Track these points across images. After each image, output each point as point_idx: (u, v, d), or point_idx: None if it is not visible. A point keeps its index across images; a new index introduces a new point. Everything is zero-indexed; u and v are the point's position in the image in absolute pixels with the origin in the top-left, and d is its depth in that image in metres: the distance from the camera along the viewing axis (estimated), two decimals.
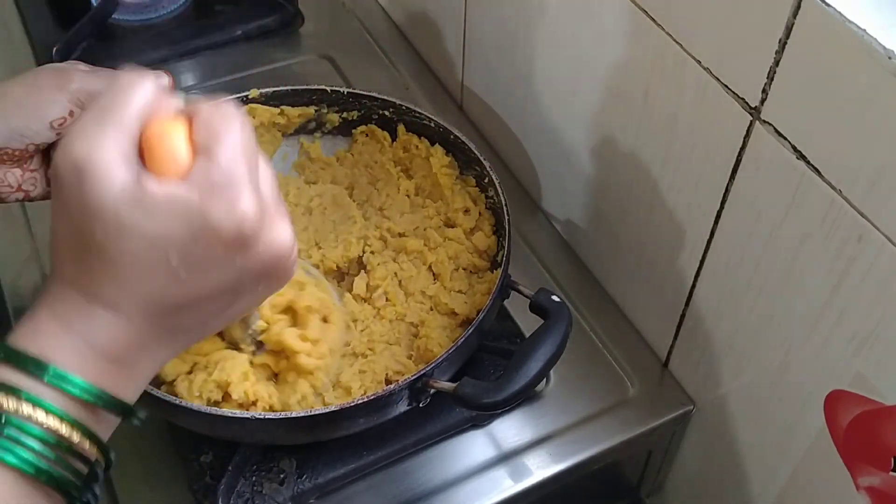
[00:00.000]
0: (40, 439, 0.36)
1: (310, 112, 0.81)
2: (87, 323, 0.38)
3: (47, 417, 0.36)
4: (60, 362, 0.37)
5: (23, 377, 0.37)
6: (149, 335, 0.39)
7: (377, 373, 0.66)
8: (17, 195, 0.72)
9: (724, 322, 0.67)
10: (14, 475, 0.36)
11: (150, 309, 0.39)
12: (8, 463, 0.35)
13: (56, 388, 0.37)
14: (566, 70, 0.75)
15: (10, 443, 0.35)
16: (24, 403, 0.36)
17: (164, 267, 0.37)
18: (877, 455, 0.57)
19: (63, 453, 0.37)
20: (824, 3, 0.48)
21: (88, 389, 0.37)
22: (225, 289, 0.40)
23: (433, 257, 0.72)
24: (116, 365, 0.39)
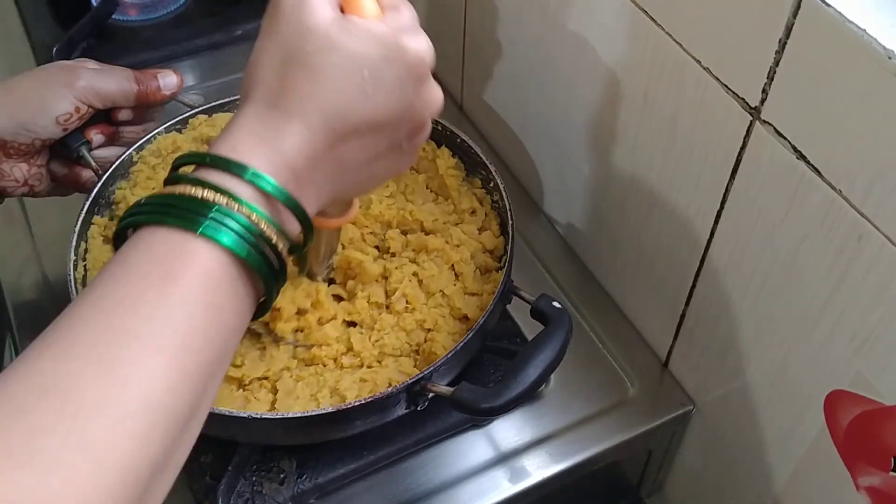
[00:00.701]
0: (245, 228, 0.41)
1: None
2: (284, 137, 0.43)
3: (248, 212, 0.41)
4: (257, 167, 0.42)
5: (227, 178, 0.42)
6: (324, 154, 0.45)
7: (378, 384, 0.65)
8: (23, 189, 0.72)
9: (724, 322, 0.67)
10: (230, 260, 0.40)
11: (334, 124, 0.44)
12: (222, 243, 0.40)
13: (253, 186, 0.42)
14: (566, 70, 0.75)
15: (227, 229, 0.40)
16: (228, 199, 0.41)
17: (357, 80, 0.44)
18: (877, 455, 0.57)
19: (262, 244, 0.42)
20: (824, 3, 0.48)
21: (280, 189, 0.42)
22: (393, 121, 0.46)
23: (457, 256, 0.71)
24: (296, 179, 0.44)
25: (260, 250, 0.41)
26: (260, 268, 0.42)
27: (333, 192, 0.48)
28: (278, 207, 0.43)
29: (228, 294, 0.41)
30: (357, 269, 0.69)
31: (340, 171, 0.46)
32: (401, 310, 0.69)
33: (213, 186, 0.41)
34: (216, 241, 0.40)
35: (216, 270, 0.40)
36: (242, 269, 0.41)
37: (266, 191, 0.42)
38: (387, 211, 0.74)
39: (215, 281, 0.40)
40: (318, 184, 0.45)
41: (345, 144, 0.45)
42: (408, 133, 0.48)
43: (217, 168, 0.42)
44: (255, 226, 0.41)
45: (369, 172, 0.49)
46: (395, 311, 0.69)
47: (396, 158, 0.49)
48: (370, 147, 0.47)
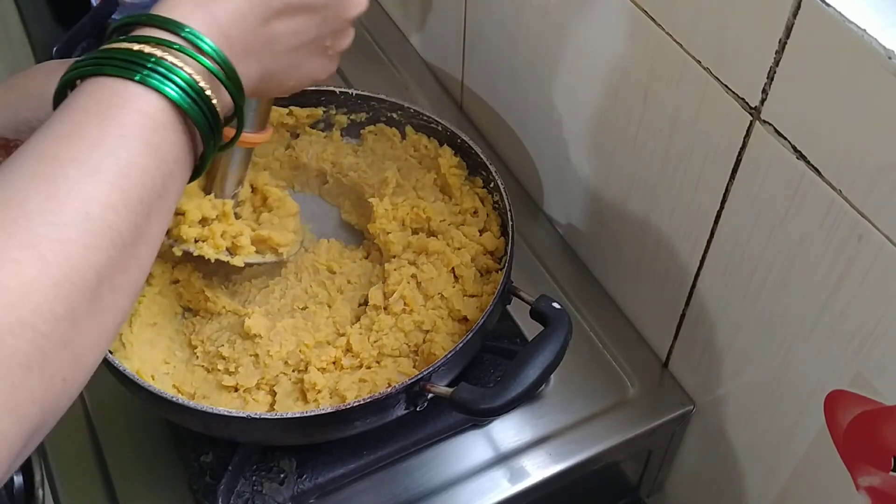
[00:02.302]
0: (185, 81, 0.43)
1: (318, 113, 0.81)
2: (217, 2, 0.45)
3: (187, 65, 0.43)
4: (193, 27, 0.44)
5: (165, 34, 0.43)
6: (256, 27, 0.47)
7: (377, 384, 0.65)
8: None
9: (724, 322, 0.67)
10: (168, 107, 0.42)
11: None
12: (165, 93, 0.42)
13: (192, 44, 0.44)
14: (566, 70, 0.75)
15: (164, 79, 0.42)
16: (168, 53, 0.43)
17: None
18: (877, 455, 0.57)
19: (200, 98, 0.44)
20: (824, 3, 0.48)
21: (217, 51, 0.45)
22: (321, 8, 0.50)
23: (457, 259, 0.72)
24: (228, 45, 0.46)
25: (197, 103, 0.44)
26: (197, 118, 0.44)
27: (259, 75, 0.49)
28: (212, 65, 0.45)
29: (166, 137, 0.43)
30: (277, 203, 0.73)
31: (268, 50, 0.49)
32: (398, 311, 0.69)
33: (152, 39, 0.43)
34: (155, 88, 0.42)
35: (154, 114, 0.42)
36: (180, 119, 0.43)
37: (203, 50, 0.44)
38: (400, 207, 0.75)
39: (153, 123, 0.42)
40: (247, 58, 0.47)
41: (277, 22, 0.48)
42: (333, 28, 0.51)
43: (155, 25, 0.44)
44: (192, 78, 0.43)
45: (292, 62, 0.51)
46: (393, 312, 0.69)
47: (318, 58, 0.52)
48: (299, 31, 0.49)
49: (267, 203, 0.73)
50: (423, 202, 0.75)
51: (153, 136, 0.42)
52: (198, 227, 0.67)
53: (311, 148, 0.81)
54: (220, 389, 0.66)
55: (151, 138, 0.42)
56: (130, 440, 0.72)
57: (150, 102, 0.42)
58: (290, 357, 0.67)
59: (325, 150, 0.81)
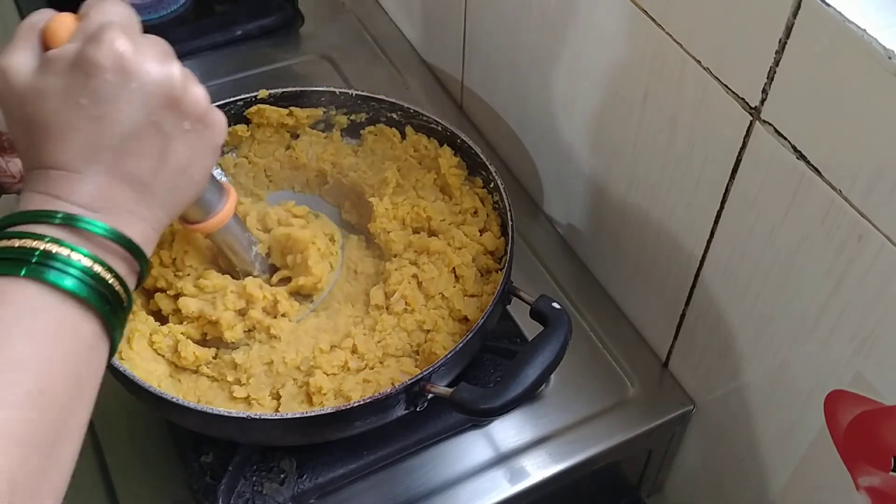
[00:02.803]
0: (83, 271, 0.43)
1: (318, 113, 0.81)
2: (60, 187, 0.45)
3: (81, 257, 0.43)
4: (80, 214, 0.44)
5: (49, 228, 0.43)
6: (109, 186, 0.46)
7: (381, 384, 0.65)
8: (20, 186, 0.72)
9: (724, 322, 0.67)
10: (59, 297, 0.42)
11: (92, 157, 0.45)
12: (65, 287, 0.42)
13: (81, 230, 0.44)
14: (566, 70, 0.75)
15: (60, 273, 0.42)
16: (54, 245, 0.42)
17: (79, 111, 0.45)
18: (877, 455, 0.57)
19: (99, 286, 0.44)
20: (824, 3, 0.48)
21: (107, 228, 0.45)
22: (143, 122, 0.46)
23: (458, 259, 0.71)
24: (101, 215, 0.45)
25: (100, 293, 0.43)
26: (101, 308, 0.43)
27: (156, 207, 0.48)
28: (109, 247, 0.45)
29: (53, 320, 0.42)
30: (289, 242, 0.70)
31: (142, 187, 0.47)
32: (400, 311, 0.69)
33: (43, 237, 0.43)
34: (32, 277, 0.41)
35: (28, 302, 0.41)
36: (65, 298, 0.42)
37: (96, 233, 0.44)
38: (401, 207, 0.75)
39: (29, 310, 0.41)
40: (128, 208, 0.47)
41: (121, 164, 0.46)
42: (174, 117, 0.48)
43: (37, 222, 0.43)
44: (93, 271, 0.43)
45: (175, 170, 0.49)
46: (395, 312, 0.69)
47: (193, 141, 0.49)
48: (148, 152, 0.47)
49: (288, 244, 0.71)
50: (424, 202, 0.75)
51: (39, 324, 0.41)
52: (239, 322, 0.67)
53: (311, 148, 0.81)
54: (228, 400, 0.66)
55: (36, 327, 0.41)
56: (130, 440, 0.72)
57: (34, 294, 0.41)
58: (303, 364, 0.67)
59: (325, 151, 0.81)
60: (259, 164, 0.80)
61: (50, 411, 0.40)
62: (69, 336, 0.43)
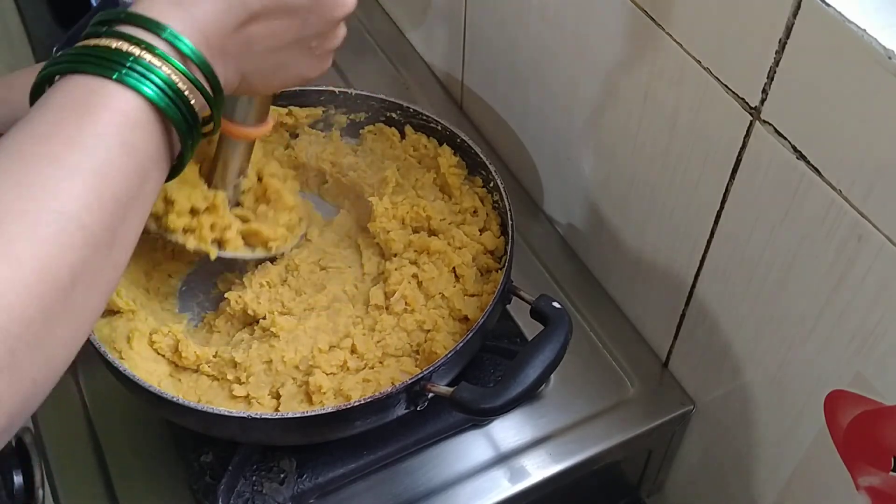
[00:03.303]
0: (163, 81, 0.43)
1: (317, 113, 0.81)
2: (195, 2, 0.45)
3: (165, 65, 0.43)
4: (173, 28, 0.44)
5: (144, 33, 0.43)
6: (233, 29, 0.47)
7: (381, 384, 0.65)
8: None
9: (724, 322, 0.67)
10: (146, 106, 0.42)
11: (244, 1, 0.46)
12: (143, 93, 0.42)
13: (171, 44, 0.43)
14: (566, 70, 0.75)
15: (142, 78, 0.42)
16: (147, 52, 0.43)
17: None
18: (877, 455, 0.57)
19: (177, 97, 0.44)
20: (824, 3, 0.48)
21: (195, 52, 0.44)
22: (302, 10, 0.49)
23: (458, 259, 0.71)
24: (207, 46, 0.45)
25: (175, 103, 0.44)
26: (175, 117, 0.44)
27: (238, 74, 0.49)
28: (192, 68, 0.45)
29: (143, 137, 0.43)
30: (274, 195, 0.71)
31: (247, 51, 0.48)
32: (400, 311, 0.69)
33: (131, 38, 0.43)
34: (133, 87, 0.42)
35: (131, 113, 0.42)
36: (158, 118, 0.43)
37: (182, 51, 0.44)
38: (400, 206, 0.74)
39: (131, 122, 0.42)
40: (226, 58, 0.47)
41: (254, 24, 0.47)
42: (317, 31, 0.50)
43: (134, 24, 0.43)
44: (170, 78, 0.43)
45: (275, 62, 0.51)
46: (395, 311, 0.69)
47: (305, 58, 0.52)
48: (278, 33, 0.49)
49: (266, 195, 0.72)
50: (423, 201, 0.75)
51: (130, 135, 0.42)
52: (187, 217, 0.66)
53: (311, 148, 0.81)
54: (228, 399, 0.65)
55: (128, 138, 0.42)
56: (130, 440, 0.72)
57: (127, 101, 0.42)
58: (302, 363, 0.67)
59: (324, 150, 0.81)
60: (270, 153, 0.80)
61: (117, 217, 0.41)
62: (151, 156, 0.43)
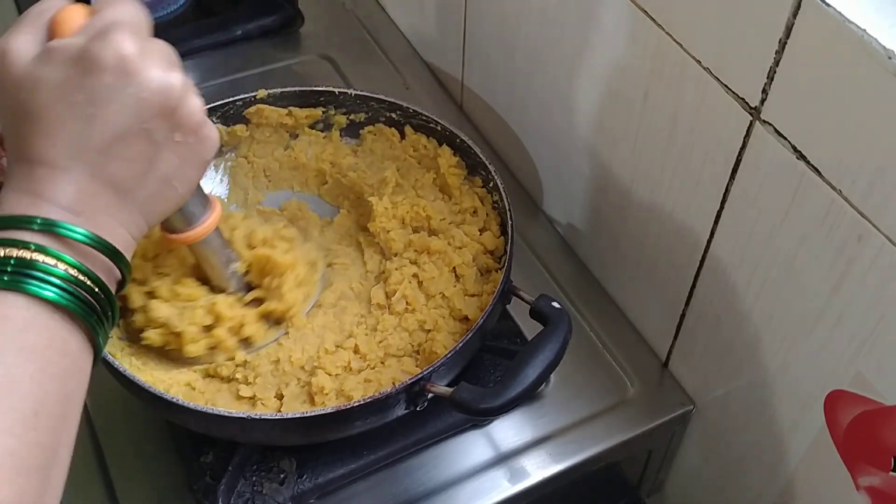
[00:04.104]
0: (63, 279, 0.42)
1: (317, 113, 0.81)
2: (42, 185, 0.44)
3: (61, 263, 0.42)
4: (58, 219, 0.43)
5: (26, 234, 0.42)
6: (93, 188, 0.45)
7: (382, 384, 0.65)
8: None
9: (724, 322, 0.67)
10: (46, 309, 0.41)
11: (79, 156, 0.44)
12: (46, 297, 0.41)
13: (62, 237, 0.43)
14: (566, 70, 0.75)
15: (41, 282, 0.41)
16: (37, 253, 0.42)
17: (73, 108, 0.44)
18: (877, 455, 0.57)
19: (86, 296, 0.43)
20: (824, 3, 0.48)
21: (88, 234, 0.44)
22: (134, 127, 0.45)
23: (459, 259, 0.71)
24: (82, 218, 0.44)
25: (83, 299, 0.42)
26: (69, 304, 0.42)
27: (136, 213, 0.47)
28: (89, 254, 0.44)
29: (43, 337, 0.41)
30: (268, 265, 0.68)
31: (124, 192, 0.46)
32: (401, 310, 0.69)
33: (21, 243, 0.41)
34: (19, 290, 0.40)
35: (20, 317, 0.40)
36: (55, 313, 0.42)
37: (77, 240, 0.43)
38: (400, 206, 0.74)
39: (20, 325, 0.40)
40: (109, 213, 0.46)
41: (106, 167, 0.45)
42: (166, 126, 0.47)
43: (13, 228, 0.42)
44: (74, 277, 0.42)
45: (160, 179, 0.48)
46: (396, 311, 0.69)
47: (182, 153, 0.48)
48: (135, 157, 0.46)
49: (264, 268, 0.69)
50: (423, 201, 0.75)
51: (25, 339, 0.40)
52: (202, 340, 0.65)
53: (311, 148, 0.81)
54: (234, 399, 0.66)
55: (24, 342, 0.40)
56: (130, 440, 0.72)
57: (14, 306, 0.40)
58: (308, 363, 0.67)
59: (324, 151, 0.81)
60: (258, 164, 0.80)
61: (46, 433, 0.39)
62: (59, 351, 0.42)
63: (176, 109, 0.47)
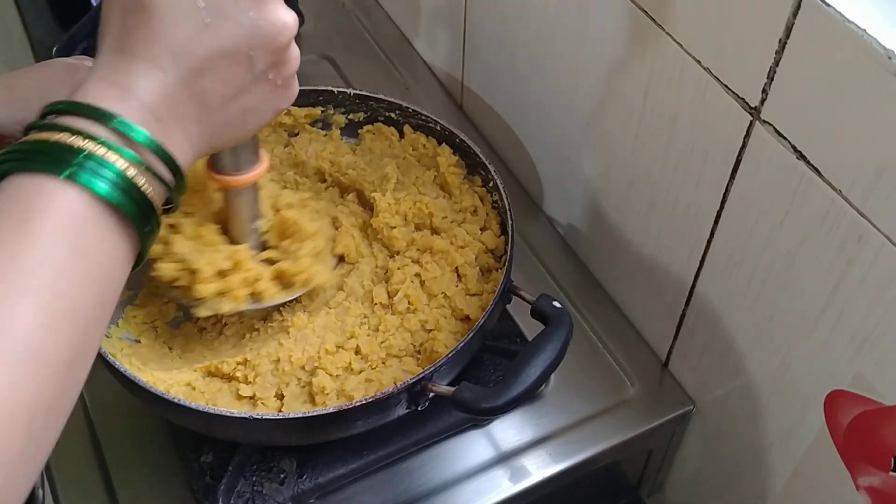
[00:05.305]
0: (116, 174, 0.40)
1: (316, 113, 0.81)
2: (134, 79, 0.43)
3: (120, 159, 0.41)
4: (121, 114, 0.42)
5: (92, 124, 0.41)
6: (181, 95, 0.44)
7: (383, 384, 0.65)
8: None
9: (724, 322, 0.67)
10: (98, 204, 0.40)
11: (181, 61, 0.44)
12: (97, 191, 0.40)
13: (122, 134, 0.41)
14: (566, 70, 0.75)
15: (94, 175, 0.40)
16: (98, 146, 0.40)
17: (193, 11, 0.43)
18: (877, 455, 0.57)
19: (131, 190, 0.41)
20: (824, 3, 0.48)
21: (149, 138, 0.42)
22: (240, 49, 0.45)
23: (461, 259, 0.71)
24: (159, 123, 0.43)
25: (130, 196, 0.41)
26: (130, 212, 0.41)
27: (206, 135, 0.47)
28: (146, 156, 0.43)
29: (96, 238, 0.40)
30: (292, 228, 0.67)
31: (205, 109, 0.46)
32: (403, 310, 0.69)
33: (78, 131, 0.40)
34: (84, 185, 0.39)
35: (80, 213, 0.39)
36: (112, 214, 0.41)
37: (134, 139, 0.42)
38: (403, 202, 0.74)
39: (80, 223, 0.39)
40: (184, 125, 0.45)
41: (200, 79, 0.45)
42: (267, 62, 0.47)
43: (81, 115, 0.41)
44: (124, 171, 0.41)
45: (239, 109, 0.48)
46: (398, 311, 0.69)
47: (267, 92, 0.49)
48: (229, 79, 0.46)
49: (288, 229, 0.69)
50: (426, 198, 0.75)
51: (81, 238, 0.39)
52: (215, 283, 0.64)
53: (311, 146, 0.81)
54: (234, 399, 0.65)
55: (79, 241, 0.39)
56: (130, 440, 0.72)
57: (75, 200, 0.39)
58: (308, 363, 0.67)
59: (324, 149, 0.81)
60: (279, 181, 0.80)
61: (77, 333, 0.38)
62: (108, 255, 0.41)
63: (282, 49, 0.47)
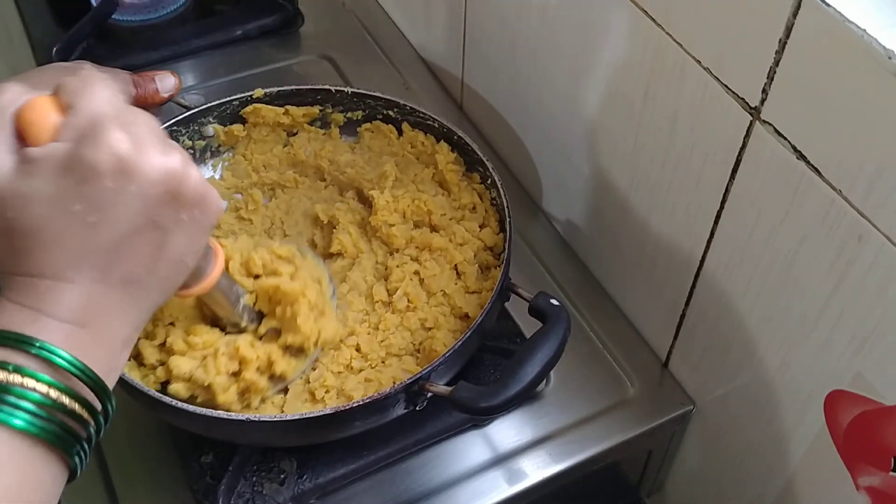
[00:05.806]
0: (38, 403, 0.39)
1: (314, 112, 0.81)
2: (42, 298, 0.41)
3: (39, 385, 0.39)
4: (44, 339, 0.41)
5: (9, 353, 0.40)
6: (100, 293, 0.42)
7: (382, 383, 0.65)
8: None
9: (724, 322, 0.67)
10: (17, 437, 0.39)
11: (84, 264, 0.42)
12: (14, 426, 0.38)
13: (42, 359, 0.40)
14: (566, 70, 0.75)
15: (12, 408, 0.38)
16: (15, 375, 0.39)
17: (72, 218, 0.41)
18: (877, 455, 0.57)
19: (60, 415, 0.40)
20: (824, 3, 0.48)
21: (71, 361, 0.41)
22: (141, 223, 0.43)
23: (460, 256, 0.71)
24: (87, 330, 0.42)
25: (53, 421, 0.40)
26: (52, 440, 0.39)
27: (150, 300, 0.45)
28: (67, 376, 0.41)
29: (22, 471, 0.39)
30: (277, 294, 0.64)
31: (136, 285, 0.44)
32: (402, 308, 0.69)
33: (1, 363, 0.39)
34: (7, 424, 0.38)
35: (11, 455, 0.38)
36: (35, 444, 0.39)
37: (53, 362, 0.40)
38: (401, 200, 0.74)
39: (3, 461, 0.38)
40: (118, 312, 0.43)
41: (115, 269, 0.43)
42: (173, 212, 0.44)
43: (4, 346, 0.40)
44: (45, 397, 0.39)
45: (171, 260, 0.45)
46: (397, 309, 0.69)
47: (190, 229, 0.46)
48: (146, 250, 0.44)
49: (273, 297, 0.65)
50: (424, 195, 0.75)
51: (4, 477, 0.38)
52: (232, 386, 0.62)
53: (310, 145, 0.81)
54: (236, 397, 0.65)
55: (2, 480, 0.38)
56: (130, 441, 0.72)
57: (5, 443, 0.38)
58: None
59: (323, 148, 0.81)
60: (257, 161, 0.80)
61: None
62: (33, 487, 0.39)
63: (180, 191, 0.44)
